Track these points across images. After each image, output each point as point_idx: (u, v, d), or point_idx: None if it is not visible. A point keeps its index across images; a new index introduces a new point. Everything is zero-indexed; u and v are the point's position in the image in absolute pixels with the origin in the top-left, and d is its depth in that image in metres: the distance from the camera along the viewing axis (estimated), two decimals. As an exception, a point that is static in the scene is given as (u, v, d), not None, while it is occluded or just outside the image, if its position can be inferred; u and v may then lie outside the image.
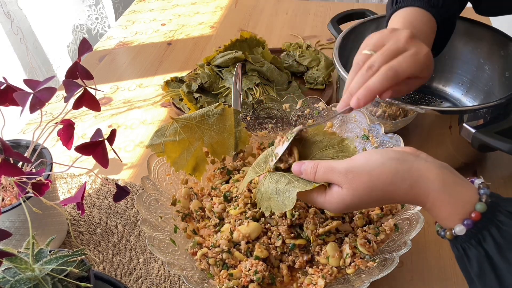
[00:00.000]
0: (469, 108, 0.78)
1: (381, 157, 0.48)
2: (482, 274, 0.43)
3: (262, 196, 0.56)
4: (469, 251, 0.43)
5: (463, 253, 0.44)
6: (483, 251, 0.42)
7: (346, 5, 1.32)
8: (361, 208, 0.53)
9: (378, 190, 0.47)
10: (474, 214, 0.43)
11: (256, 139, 0.79)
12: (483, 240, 0.42)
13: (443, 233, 0.46)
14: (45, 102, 0.55)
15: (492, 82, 0.85)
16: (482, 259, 0.42)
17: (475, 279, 0.43)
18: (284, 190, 0.54)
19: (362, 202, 0.49)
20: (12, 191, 0.61)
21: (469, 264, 0.44)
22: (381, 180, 0.47)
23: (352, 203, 0.49)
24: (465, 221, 0.43)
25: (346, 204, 0.49)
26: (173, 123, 0.64)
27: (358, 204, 0.49)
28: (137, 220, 0.75)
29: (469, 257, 0.44)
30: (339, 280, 0.60)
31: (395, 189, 0.47)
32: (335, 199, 0.50)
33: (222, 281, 0.60)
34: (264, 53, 1.01)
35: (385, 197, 0.48)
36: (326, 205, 0.51)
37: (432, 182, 0.45)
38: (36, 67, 1.36)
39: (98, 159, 0.55)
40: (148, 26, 1.30)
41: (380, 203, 0.51)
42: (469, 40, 0.87)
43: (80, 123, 0.96)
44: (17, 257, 0.41)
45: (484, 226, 0.43)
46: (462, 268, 0.46)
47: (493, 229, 0.42)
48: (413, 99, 0.92)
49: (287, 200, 0.53)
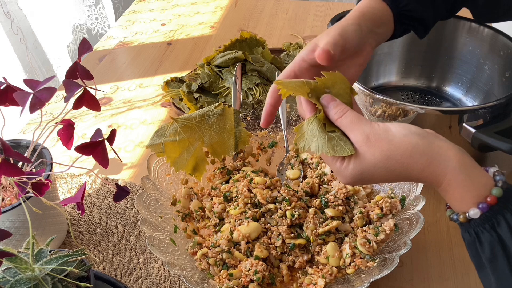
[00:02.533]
0: (469, 108, 0.78)
1: (403, 129, 0.47)
2: (493, 259, 0.43)
3: (307, 135, 0.52)
4: (482, 235, 0.43)
5: (475, 237, 0.44)
6: (496, 235, 0.42)
7: (346, 5, 1.32)
8: (373, 181, 0.50)
9: (395, 161, 0.46)
10: (490, 198, 0.43)
11: (256, 139, 0.79)
12: (497, 225, 0.42)
13: (455, 217, 0.45)
14: (45, 102, 0.55)
15: (492, 82, 0.85)
16: (495, 243, 0.42)
17: (486, 263, 0.43)
18: (335, 138, 0.50)
19: (377, 171, 0.47)
20: (12, 191, 0.61)
21: (480, 249, 0.44)
22: (401, 150, 0.46)
23: (366, 170, 0.47)
24: (480, 204, 0.43)
25: (362, 170, 0.47)
26: (173, 123, 0.64)
27: (373, 173, 0.47)
28: (137, 220, 0.75)
29: (481, 242, 0.43)
30: (339, 280, 0.60)
31: (413, 162, 0.46)
32: (351, 164, 0.48)
33: (222, 281, 0.60)
34: (264, 53, 1.01)
35: (400, 171, 0.46)
36: (341, 171, 0.49)
37: (451, 161, 0.45)
38: (36, 67, 1.36)
39: (98, 159, 0.55)
40: (148, 26, 1.30)
41: (394, 177, 0.48)
42: (469, 40, 0.87)
43: (80, 123, 0.96)
44: (17, 257, 0.41)
45: (499, 210, 0.42)
46: (473, 254, 0.45)
47: (508, 215, 0.42)
48: (413, 99, 0.92)
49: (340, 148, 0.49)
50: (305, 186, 0.70)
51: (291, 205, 0.65)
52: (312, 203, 0.67)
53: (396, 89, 0.95)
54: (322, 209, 0.67)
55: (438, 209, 0.74)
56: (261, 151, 0.79)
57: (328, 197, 0.67)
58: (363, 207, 0.67)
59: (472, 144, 0.66)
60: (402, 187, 0.68)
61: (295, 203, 0.65)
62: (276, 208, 0.66)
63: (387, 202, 0.65)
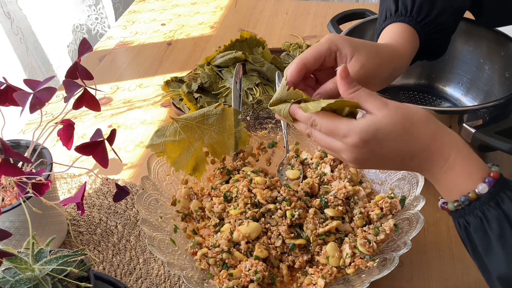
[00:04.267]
0: (469, 108, 0.78)
1: (412, 105, 0.48)
2: (503, 234, 0.44)
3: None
4: (489, 213, 0.44)
5: (483, 217, 0.45)
6: (501, 211, 0.44)
7: (346, 5, 1.32)
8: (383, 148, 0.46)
9: (410, 122, 0.46)
10: (493, 173, 0.45)
11: (256, 139, 0.79)
12: (501, 201, 0.44)
13: (463, 199, 0.46)
14: (45, 102, 0.55)
15: (492, 82, 0.85)
16: (502, 219, 0.44)
17: (495, 241, 0.44)
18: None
19: (392, 133, 0.46)
20: (12, 191, 0.61)
21: (489, 227, 0.44)
22: (416, 115, 0.47)
23: (381, 128, 0.46)
24: (487, 179, 0.45)
25: (376, 128, 0.46)
26: (173, 123, 0.64)
27: (387, 134, 0.46)
28: (137, 220, 0.75)
29: (488, 220, 0.44)
30: (339, 280, 0.60)
31: (426, 126, 0.46)
32: (364, 120, 0.46)
33: (222, 281, 0.60)
34: (264, 53, 1.01)
35: (413, 135, 0.46)
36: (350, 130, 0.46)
37: (456, 136, 0.47)
38: (36, 67, 1.36)
39: (98, 159, 0.55)
40: (148, 26, 1.30)
41: (405, 144, 0.46)
42: (469, 40, 0.87)
43: (80, 123, 0.96)
44: (17, 257, 0.41)
45: (500, 189, 0.44)
46: (479, 236, 0.46)
47: (508, 192, 0.44)
48: (413, 99, 0.92)
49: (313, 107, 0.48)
50: (305, 186, 0.70)
51: (291, 205, 0.65)
52: (312, 203, 0.67)
53: (396, 89, 0.95)
54: (322, 209, 0.67)
55: (438, 209, 0.73)
56: (261, 151, 0.79)
57: (328, 197, 0.67)
58: (363, 207, 0.67)
59: (472, 144, 0.66)
60: (402, 187, 0.68)
61: (295, 203, 0.65)
62: (276, 208, 0.66)
63: (387, 202, 0.65)
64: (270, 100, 0.54)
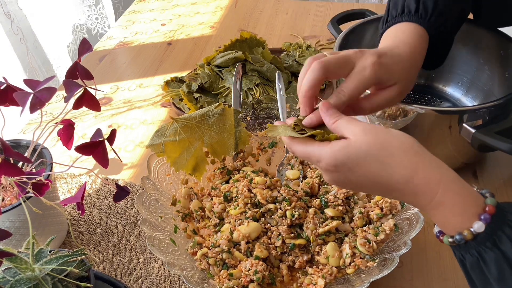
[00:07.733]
0: (469, 108, 0.78)
1: (397, 133, 0.45)
2: (502, 278, 0.40)
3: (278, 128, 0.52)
4: (486, 254, 0.40)
5: (479, 258, 0.41)
6: (500, 252, 0.40)
7: (346, 5, 1.32)
8: (356, 175, 0.45)
9: (389, 152, 0.43)
10: (488, 207, 0.40)
11: (256, 139, 0.79)
12: (498, 241, 0.40)
13: (458, 238, 0.41)
14: (45, 102, 0.55)
15: (492, 82, 0.85)
16: (501, 261, 0.40)
17: (495, 284, 0.41)
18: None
19: (366, 161, 0.43)
20: (12, 191, 0.61)
21: (486, 269, 0.41)
22: (397, 143, 0.43)
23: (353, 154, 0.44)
24: (482, 216, 0.40)
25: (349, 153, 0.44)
26: (173, 123, 0.64)
27: (360, 162, 0.44)
28: (137, 220, 0.75)
29: (486, 261, 0.41)
30: (339, 280, 0.60)
31: (406, 160, 0.42)
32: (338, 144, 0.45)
33: (222, 281, 0.60)
34: (264, 53, 1.01)
35: (392, 167, 0.43)
36: (324, 152, 0.45)
37: (444, 169, 0.42)
38: (36, 67, 1.36)
39: (98, 159, 0.55)
40: (148, 26, 1.30)
41: (380, 177, 0.43)
42: (469, 40, 0.87)
43: (80, 123, 0.96)
44: (17, 257, 0.41)
45: (497, 226, 0.40)
46: (476, 275, 0.42)
47: (506, 229, 0.40)
48: (413, 99, 0.92)
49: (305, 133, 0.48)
50: (305, 186, 0.70)
51: (291, 205, 0.65)
52: (312, 203, 0.67)
53: (396, 89, 0.95)
54: (322, 209, 0.67)
55: (438, 209, 0.74)
56: (261, 151, 0.79)
57: (328, 197, 0.67)
58: (363, 207, 0.67)
59: (472, 144, 0.66)
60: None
61: (295, 203, 0.65)
62: (276, 208, 0.66)
63: (387, 202, 0.65)
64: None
